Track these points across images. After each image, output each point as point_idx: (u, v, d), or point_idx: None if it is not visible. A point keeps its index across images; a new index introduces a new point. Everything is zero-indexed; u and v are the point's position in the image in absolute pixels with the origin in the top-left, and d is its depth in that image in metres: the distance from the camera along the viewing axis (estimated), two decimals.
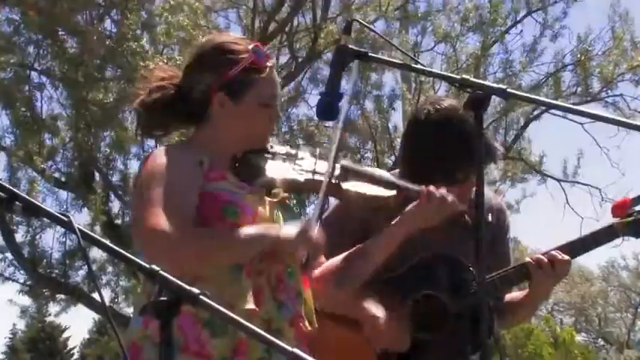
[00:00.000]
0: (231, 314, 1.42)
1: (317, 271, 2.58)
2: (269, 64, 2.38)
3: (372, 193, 2.48)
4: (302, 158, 2.50)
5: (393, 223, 2.60)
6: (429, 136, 2.73)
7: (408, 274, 2.75)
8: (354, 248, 2.65)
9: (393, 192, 2.51)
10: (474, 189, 2.80)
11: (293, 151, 2.50)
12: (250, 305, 2.18)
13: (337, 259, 2.64)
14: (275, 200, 2.42)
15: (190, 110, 2.40)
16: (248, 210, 2.27)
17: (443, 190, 2.55)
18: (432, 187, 2.55)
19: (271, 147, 2.49)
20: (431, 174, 2.69)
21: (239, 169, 2.41)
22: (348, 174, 2.50)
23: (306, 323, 2.34)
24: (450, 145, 2.69)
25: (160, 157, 2.27)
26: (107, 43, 10.58)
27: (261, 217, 2.31)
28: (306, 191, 2.57)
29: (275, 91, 2.40)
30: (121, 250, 1.52)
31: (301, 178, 2.42)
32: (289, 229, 2.24)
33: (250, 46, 2.37)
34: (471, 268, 2.72)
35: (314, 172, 2.45)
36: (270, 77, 2.39)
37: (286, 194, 2.47)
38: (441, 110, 2.75)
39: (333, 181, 2.41)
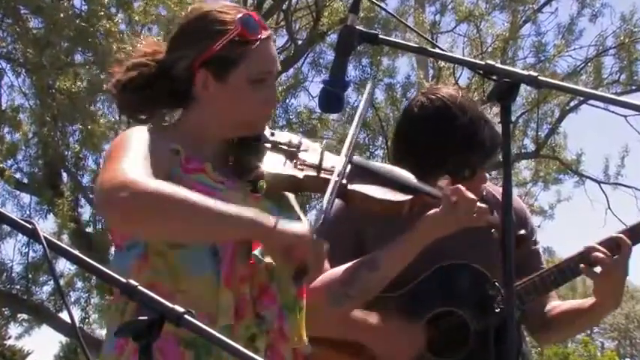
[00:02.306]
0: (220, 336, 1.43)
1: (313, 283, 2.52)
2: (262, 35, 2.36)
3: (382, 197, 2.45)
4: (306, 150, 2.48)
5: (410, 231, 2.60)
6: (425, 130, 2.75)
7: (421, 287, 2.76)
8: (361, 258, 2.62)
9: (409, 197, 2.48)
10: (484, 186, 2.83)
11: (296, 140, 2.49)
12: (227, 321, 2.18)
13: (338, 270, 2.60)
14: (260, 195, 2.39)
15: (173, 90, 2.40)
16: None
17: (471, 195, 2.54)
18: (459, 188, 2.54)
19: (272, 134, 2.48)
20: (430, 173, 2.69)
21: (232, 160, 2.41)
22: (358, 172, 2.47)
23: (290, 343, 2.32)
24: (451, 138, 2.71)
25: (134, 131, 2.29)
26: (76, 22, 10.59)
27: None
28: (305, 190, 2.53)
29: (269, 67, 2.38)
30: (93, 262, 1.53)
31: (300, 174, 2.40)
32: (286, 223, 2.17)
33: (238, 16, 2.36)
34: (496, 283, 2.73)
35: (319, 169, 2.42)
36: (263, 51, 2.37)
37: (263, 184, 2.42)
38: (436, 101, 2.77)
39: (343, 181, 2.38)
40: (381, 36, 2.30)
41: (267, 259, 2.27)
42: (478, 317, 2.72)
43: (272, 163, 2.40)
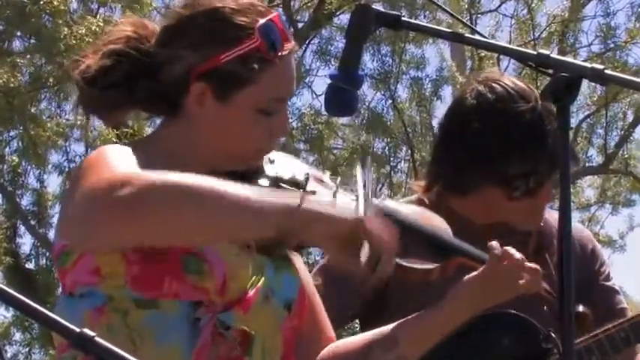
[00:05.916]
0: None
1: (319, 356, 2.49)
2: (284, 52, 2.35)
3: (409, 265, 2.44)
4: (314, 191, 2.46)
5: (440, 304, 2.54)
6: (480, 124, 2.76)
7: (455, 342, 2.76)
8: (376, 333, 2.57)
9: (438, 264, 2.46)
10: (548, 206, 2.83)
11: (302, 176, 2.44)
12: None
13: (347, 344, 2.54)
14: (251, 248, 2.38)
15: (157, 92, 2.39)
16: (218, 266, 2.26)
17: (519, 255, 2.48)
18: (505, 249, 2.48)
19: (272, 162, 2.47)
20: (483, 183, 2.70)
21: None
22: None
23: None
24: (513, 136, 2.72)
25: (111, 147, 2.32)
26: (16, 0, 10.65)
27: (236, 278, 2.30)
28: (312, 245, 2.53)
29: (283, 93, 2.38)
30: (37, 306, 1.53)
31: None
32: (339, 202, 2.19)
33: (261, 21, 2.34)
34: (552, 334, 2.73)
35: None
36: (282, 72, 2.35)
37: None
38: (497, 89, 2.79)
39: None
40: (404, 18, 2.32)
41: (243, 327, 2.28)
42: None
43: None
